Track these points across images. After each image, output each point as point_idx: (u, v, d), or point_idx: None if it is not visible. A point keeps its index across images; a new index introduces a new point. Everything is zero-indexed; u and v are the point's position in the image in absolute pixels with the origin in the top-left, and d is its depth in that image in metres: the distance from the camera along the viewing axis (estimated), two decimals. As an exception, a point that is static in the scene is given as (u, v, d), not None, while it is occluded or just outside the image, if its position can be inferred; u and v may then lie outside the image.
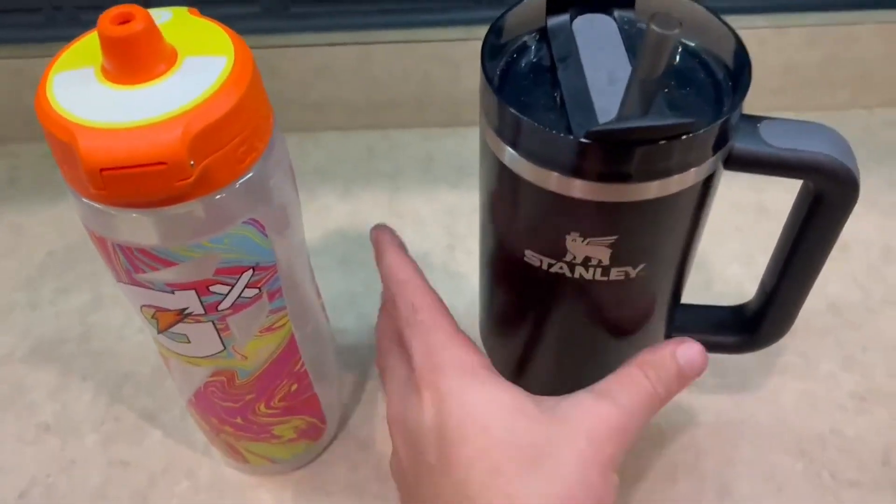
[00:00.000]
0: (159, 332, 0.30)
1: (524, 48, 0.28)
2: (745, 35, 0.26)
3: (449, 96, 0.58)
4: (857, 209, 0.37)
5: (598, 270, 0.27)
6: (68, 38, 0.54)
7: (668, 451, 0.41)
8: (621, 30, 0.28)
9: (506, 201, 0.28)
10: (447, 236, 0.53)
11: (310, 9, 0.54)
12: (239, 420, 0.35)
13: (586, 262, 0.27)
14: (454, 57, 0.56)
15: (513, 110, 0.24)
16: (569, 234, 0.26)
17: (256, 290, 0.29)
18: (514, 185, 0.26)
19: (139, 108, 0.24)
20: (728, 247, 0.51)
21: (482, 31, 0.55)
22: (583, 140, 0.23)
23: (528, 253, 0.28)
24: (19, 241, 0.53)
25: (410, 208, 0.55)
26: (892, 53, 0.57)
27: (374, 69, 0.56)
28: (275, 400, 0.35)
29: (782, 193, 0.31)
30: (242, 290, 0.29)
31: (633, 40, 0.27)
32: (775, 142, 0.26)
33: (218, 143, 0.25)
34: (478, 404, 0.27)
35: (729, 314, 0.36)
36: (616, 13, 0.28)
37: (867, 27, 0.55)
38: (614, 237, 0.26)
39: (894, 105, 0.60)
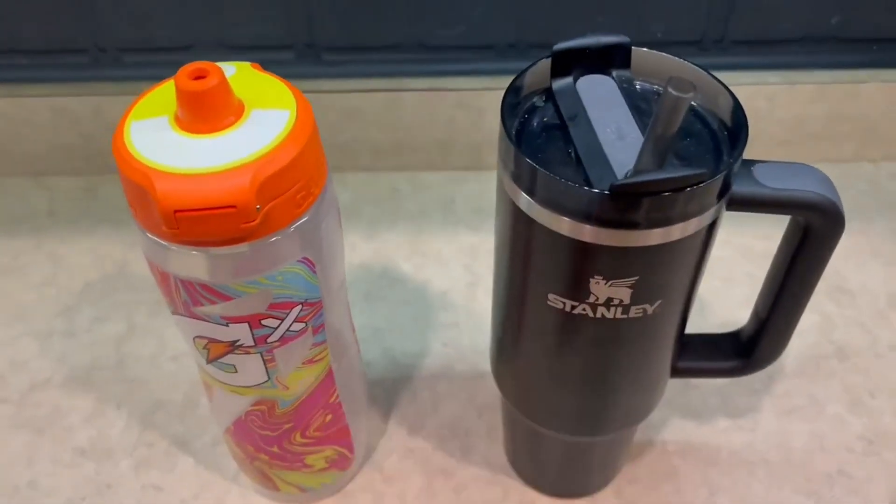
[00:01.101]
0: (208, 362, 0.32)
1: (534, 108, 0.30)
2: (757, 89, 0.28)
3: (471, 141, 0.61)
4: (863, 258, 0.39)
5: (619, 309, 0.29)
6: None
7: (683, 488, 0.43)
8: (621, 88, 0.30)
9: (531, 251, 0.30)
10: (468, 275, 0.55)
11: (340, 56, 0.57)
12: (275, 449, 0.37)
13: (608, 303, 0.29)
14: (478, 104, 0.58)
15: (548, 173, 0.26)
16: (593, 277, 0.28)
17: (303, 325, 0.31)
18: (539, 235, 0.28)
19: (211, 156, 0.26)
20: (738, 291, 0.53)
21: (505, 80, 0.58)
22: (614, 193, 0.25)
23: (551, 297, 0.30)
24: (57, 270, 0.55)
25: (433, 248, 0.57)
26: (895, 110, 0.59)
27: (401, 114, 0.58)
28: (310, 430, 0.37)
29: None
30: (291, 325, 0.31)
31: (632, 98, 0.30)
32: (769, 183, 0.28)
33: (281, 189, 0.27)
34: None
35: (725, 340, 0.37)
36: (614, 73, 0.31)
37: (872, 85, 0.58)
38: (635, 278, 0.28)
39: (898, 159, 0.62)
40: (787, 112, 0.59)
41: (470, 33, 0.56)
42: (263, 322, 0.30)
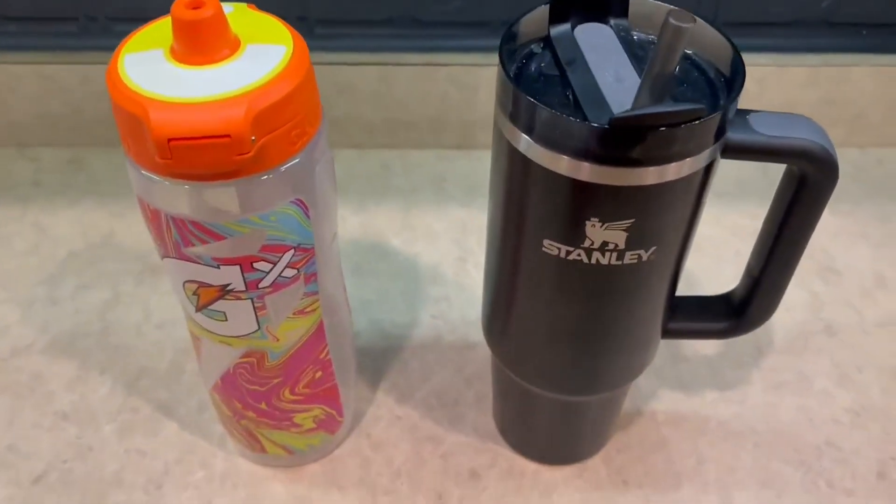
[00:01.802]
0: (198, 309, 0.32)
1: (531, 55, 0.30)
2: (747, 71, 0.28)
3: (464, 119, 0.60)
4: (851, 239, 0.39)
5: (614, 255, 0.29)
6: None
7: (672, 458, 0.42)
8: (618, 36, 0.30)
9: (525, 193, 0.30)
10: (458, 249, 0.55)
11: (333, 30, 0.57)
12: (263, 405, 0.36)
13: (603, 247, 0.29)
14: (471, 82, 0.58)
15: (547, 108, 0.26)
16: (589, 219, 0.28)
17: (295, 271, 0.31)
18: (536, 176, 0.28)
19: (206, 86, 0.26)
20: (727, 269, 0.53)
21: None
22: (609, 126, 0.25)
23: (546, 242, 0.30)
24: (41, 239, 0.54)
25: (423, 222, 0.57)
26: (884, 96, 0.60)
27: (393, 90, 0.58)
28: (299, 386, 0.36)
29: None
30: (283, 270, 0.30)
31: (630, 46, 0.30)
32: (765, 130, 0.29)
33: (276, 123, 0.26)
34: None
35: (717, 301, 0.37)
36: (612, 22, 0.31)
37: (861, 70, 0.59)
38: (631, 220, 0.28)
39: (885, 145, 0.63)
40: (777, 95, 0.59)
41: (465, 9, 0.56)
42: (255, 265, 0.30)
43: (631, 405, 0.45)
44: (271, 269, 0.30)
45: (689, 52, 0.30)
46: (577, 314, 0.32)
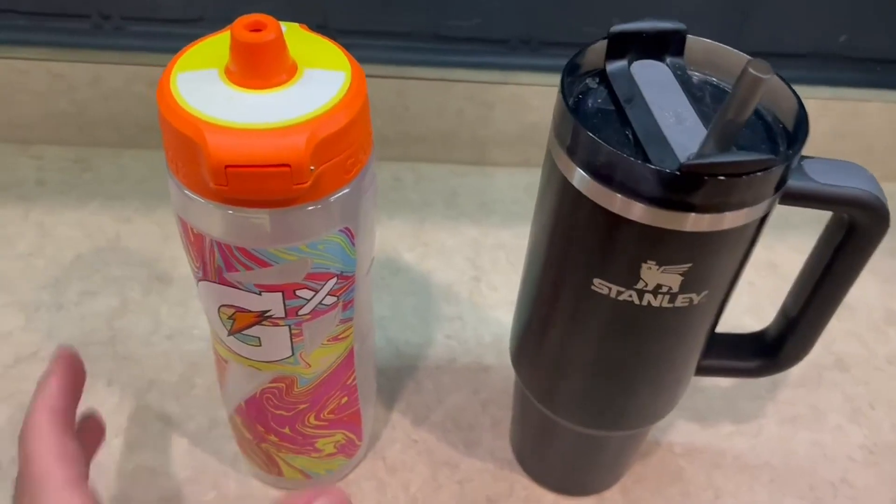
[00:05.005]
0: (231, 333, 0.31)
1: (587, 89, 0.30)
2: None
3: (477, 135, 0.60)
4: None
5: (667, 298, 0.29)
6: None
7: (688, 490, 0.42)
8: (675, 74, 0.30)
9: (576, 230, 0.29)
10: (471, 268, 0.54)
11: (352, 40, 0.56)
12: (287, 430, 0.35)
13: (657, 290, 0.28)
14: (487, 98, 0.58)
15: (608, 146, 0.26)
16: (645, 262, 0.28)
17: (335, 299, 0.30)
18: (590, 213, 0.28)
19: (265, 112, 0.25)
20: (741, 300, 0.53)
21: (517, 76, 0.58)
22: (678, 172, 0.25)
23: (597, 282, 0.29)
24: (45, 241, 0.53)
25: (435, 238, 0.56)
26: (895, 131, 0.60)
27: (409, 103, 0.58)
28: (325, 412, 0.35)
29: (789, 252, 0.33)
30: (324, 297, 0.30)
31: (686, 85, 0.29)
32: (820, 178, 0.29)
33: (334, 152, 0.26)
34: None
35: (749, 340, 0.37)
36: (668, 59, 0.31)
37: (873, 105, 0.59)
38: (689, 265, 0.28)
39: (894, 179, 0.64)
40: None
41: (484, 26, 0.56)
42: (298, 292, 0.29)
43: (648, 435, 0.44)
44: (313, 297, 0.29)
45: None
46: (617, 352, 0.32)
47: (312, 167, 0.25)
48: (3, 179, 0.57)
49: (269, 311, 0.29)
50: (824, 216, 0.32)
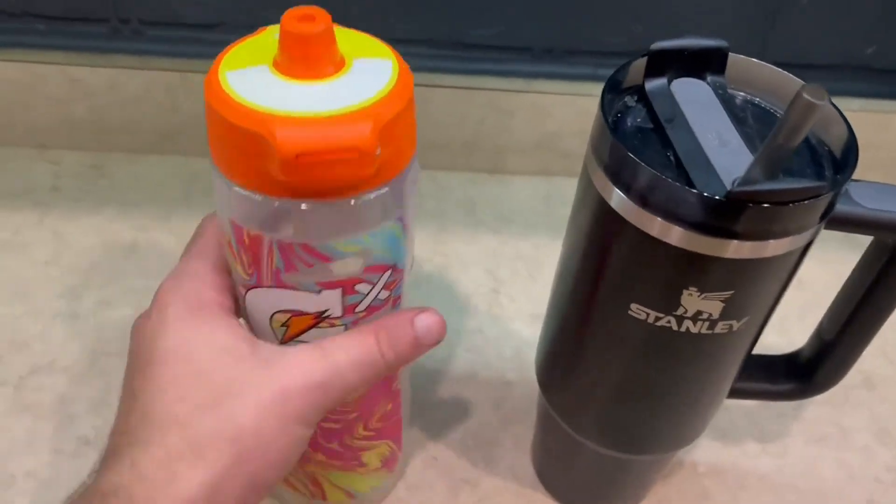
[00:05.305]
0: (284, 341, 0.30)
1: (626, 108, 0.29)
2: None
3: (497, 144, 0.59)
4: None
5: (706, 324, 0.28)
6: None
7: (714, 512, 0.42)
8: (716, 94, 0.29)
9: (613, 252, 0.29)
10: (491, 280, 0.53)
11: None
12: (335, 445, 0.34)
13: (696, 317, 0.28)
14: (508, 107, 0.57)
15: (652, 170, 0.25)
16: (687, 288, 0.27)
17: (388, 293, 0.29)
18: (628, 236, 0.27)
19: (325, 101, 0.24)
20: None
21: (540, 84, 0.57)
22: (725, 199, 0.24)
23: (634, 307, 0.28)
24: (61, 248, 0.52)
25: (453, 248, 0.55)
26: (921, 143, 0.60)
27: (430, 111, 0.57)
28: (373, 420, 0.34)
29: (815, 265, 0.32)
30: (379, 291, 0.29)
31: (728, 105, 0.29)
32: (867, 203, 0.28)
33: (395, 137, 0.25)
34: (191, 338, 0.27)
35: (781, 362, 0.37)
36: (709, 78, 0.30)
37: (901, 116, 0.58)
38: (731, 292, 0.27)
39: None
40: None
41: (507, 34, 0.55)
42: (357, 287, 0.28)
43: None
44: (370, 291, 0.28)
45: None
46: (651, 376, 0.31)
47: (378, 151, 0.24)
48: (19, 185, 0.56)
49: (326, 310, 0.28)
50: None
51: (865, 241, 0.32)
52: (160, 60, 0.54)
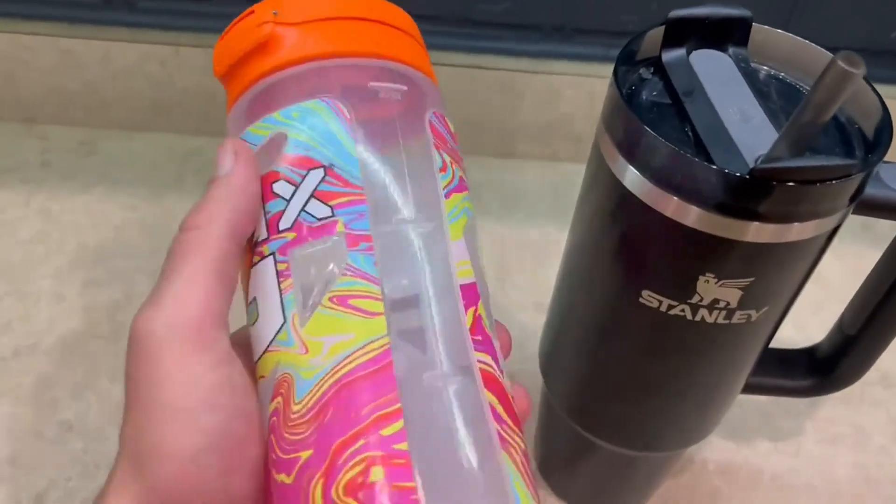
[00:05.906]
0: (249, 303, 0.24)
1: (641, 80, 0.27)
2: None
3: (506, 126, 0.57)
4: None
5: (723, 314, 0.26)
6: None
7: (724, 513, 0.40)
8: (738, 67, 0.27)
9: (624, 235, 0.27)
10: (495, 268, 0.51)
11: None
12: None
13: (713, 305, 0.26)
14: (516, 87, 0.55)
15: (671, 145, 0.23)
16: (703, 274, 0.25)
17: (328, 211, 0.22)
18: (642, 218, 0.25)
19: None
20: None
21: (549, 64, 0.54)
22: (748, 176, 0.22)
23: (646, 294, 0.26)
24: (48, 227, 0.50)
25: (457, 235, 0.53)
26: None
27: (434, 90, 0.55)
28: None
29: (830, 256, 0.30)
30: (308, 200, 0.22)
31: (751, 78, 0.27)
32: None
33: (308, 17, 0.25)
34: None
35: (799, 356, 0.35)
36: (731, 50, 0.28)
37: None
38: (751, 279, 0.25)
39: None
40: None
41: (515, 11, 0.53)
42: (275, 188, 0.23)
43: (681, 452, 0.42)
44: (293, 195, 0.23)
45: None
46: (662, 369, 0.29)
47: (275, 11, 0.24)
48: (6, 160, 0.54)
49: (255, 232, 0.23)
50: (872, 221, 0.29)
51: (883, 233, 0.30)
52: (153, 33, 0.52)
